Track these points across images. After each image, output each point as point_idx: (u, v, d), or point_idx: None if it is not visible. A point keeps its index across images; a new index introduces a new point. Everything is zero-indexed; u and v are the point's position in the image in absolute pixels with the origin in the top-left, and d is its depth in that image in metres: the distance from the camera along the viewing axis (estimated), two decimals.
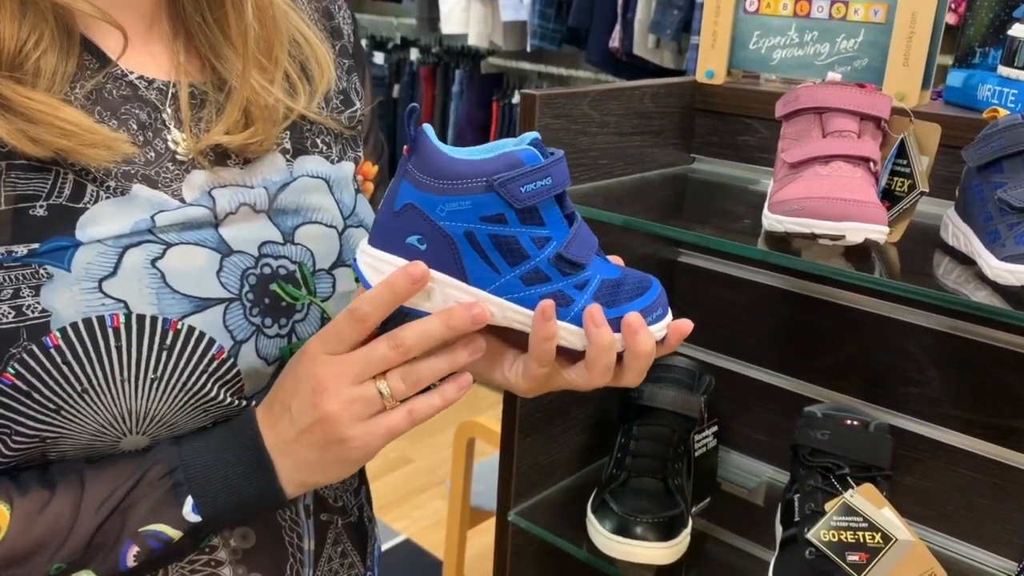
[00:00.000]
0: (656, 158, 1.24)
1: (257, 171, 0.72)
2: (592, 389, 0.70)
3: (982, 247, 0.85)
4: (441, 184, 0.63)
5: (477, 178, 0.63)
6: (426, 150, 0.64)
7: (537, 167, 0.63)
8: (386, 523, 2.76)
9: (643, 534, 1.07)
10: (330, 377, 0.64)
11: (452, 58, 3.86)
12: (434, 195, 0.63)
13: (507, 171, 0.63)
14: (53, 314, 0.61)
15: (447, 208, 0.64)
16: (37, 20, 0.62)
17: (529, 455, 1.21)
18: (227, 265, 0.68)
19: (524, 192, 0.63)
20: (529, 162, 0.63)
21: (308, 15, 0.80)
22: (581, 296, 0.66)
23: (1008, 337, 1.08)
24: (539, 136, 0.66)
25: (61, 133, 0.61)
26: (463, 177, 0.63)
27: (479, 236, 0.64)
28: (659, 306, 0.69)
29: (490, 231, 0.64)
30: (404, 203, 0.64)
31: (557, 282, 0.66)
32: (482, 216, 0.64)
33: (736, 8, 1.18)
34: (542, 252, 0.65)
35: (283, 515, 0.75)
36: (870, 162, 0.92)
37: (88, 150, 0.62)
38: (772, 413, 1.31)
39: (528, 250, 0.65)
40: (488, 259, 0.65)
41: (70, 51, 0.64)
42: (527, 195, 0.63)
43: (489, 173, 0.63)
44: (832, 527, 1.00)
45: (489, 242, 0.64)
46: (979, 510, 1.14)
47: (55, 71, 0.63)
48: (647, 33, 3.00)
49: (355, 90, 0.83)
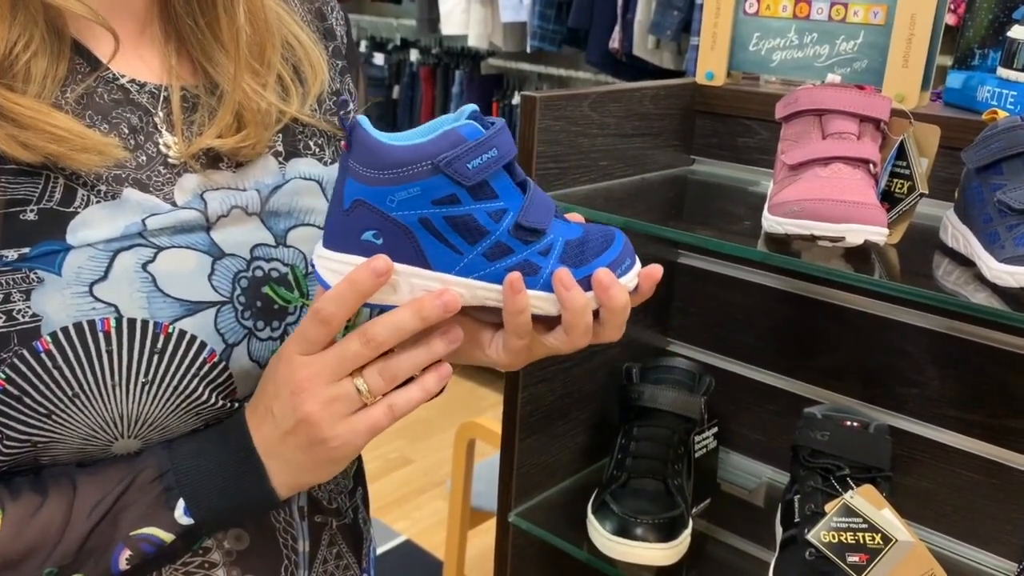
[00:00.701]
0: (656, 160, 1.24)
1: (249, 174, 0.72)
2: (575, 351, 0.69)
3: (981, 249, 0.85)
4: (386, 175, 0.62)
5: (422, 162, 0.61)
6: (365, 142, 0.62)
7: (480, 140, 0.62)
8: (386, 524, 2.76)
9: (643, 535, 1.07)
10: (306, 377, 0.63)
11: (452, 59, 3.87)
12: (381, 187, 0.62)
13: (451, 150, 0.61)
14: (44, 318, 0.61)
15: (396, 198, 0.62)
16: (27, 22, 0.62)
17: (529, 456, 1.21)
18: (219, 268, 0.68)
19: (472, 168, 0.62)
20: (471, 137, 0.62)
21: (301, 16, 0.80)
22: (547, 261, 0.65)
23: (1008, 338, 1.08)
24: (477, 108, 0.65)
25: (52, 138, 0.61)
26: (407, 164, 0.61)
27: (434, 221, 0.63)
28: (626, 256, 0.68)
29: (445, 213, 0.63)
30: (352, 200, 0.63)
31: (520, 252, 0.65)
32: (434, 200, 0.62)
33: (736, 10, 1.18)
34: (500, 225, 0.64)
35: (277, 516, 0.75)
36: (870, 164, 0.93)
37: (79, 155, 0.62)
38: (772, 414, 1.31)
39: (486, 225, 0.64)
40: (447, 242, 0.64)
41: (60, 54, 0.64)
42: (475, 170, 0.62)
43: (433, 155, 0.61)
44: (832, 528, 1.00)
45: (445, 224, 0.63)
46: (979, 511, 1.14)
47: (45, 74, 0.63)
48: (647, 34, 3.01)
49: (348, 91, 0.83)
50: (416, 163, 0.61)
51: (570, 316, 0.65)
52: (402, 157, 0.62)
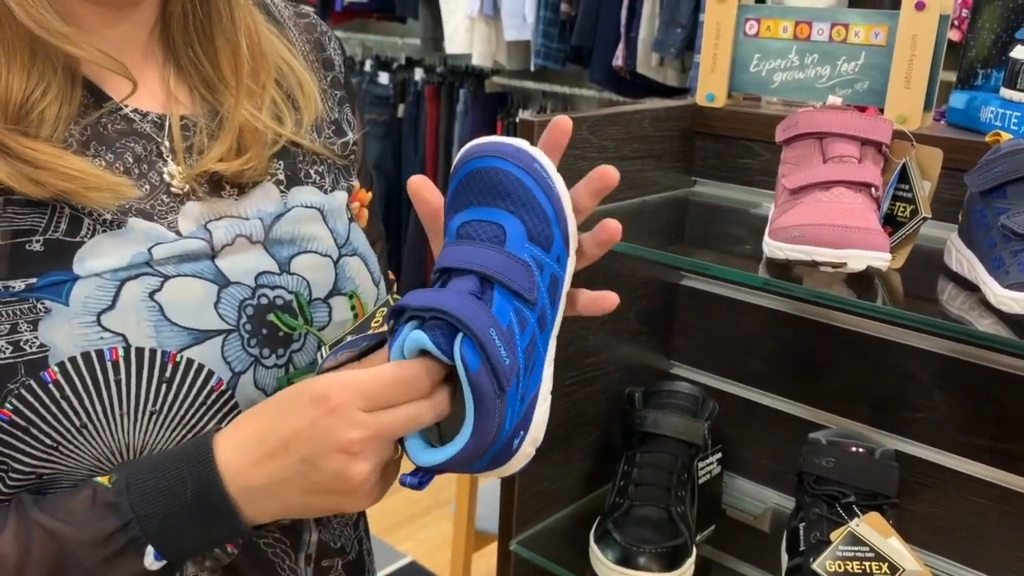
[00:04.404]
0: (657, 182, 1.23)
1: (252, 202, 0.72)
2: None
3: (986, 274, 0.84)
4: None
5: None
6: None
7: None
8: (391, 544, 2.75)
9: (646, 564, 1.06)
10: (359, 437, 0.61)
11: (456, 77, 3.87)
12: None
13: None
14: (51, 349, 0.61)
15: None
16: (46, 70, 0.63)
17: (531, 483, 1.20)
18: (225, 296, 0.68)
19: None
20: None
21: (300, 47, 0.81)
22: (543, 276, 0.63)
23: (1015, 362, 1.07)
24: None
25: (65, 177, 0.61)
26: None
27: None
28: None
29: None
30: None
31: (532, 317, 0.62)
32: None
33: (736, 31, 1.17)
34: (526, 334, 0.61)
35: (282, 566, 0.74)
36: (871, 187, 0.91)
37: (92, 193, 0.62)
38: (777, 438, 1.30)
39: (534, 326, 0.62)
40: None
41: (73, 94, 0.65)
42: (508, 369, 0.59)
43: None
44: (838, 557, 0.98)
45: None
46: (988, 537, 1.12)
47: (58, 116, 0.63)
48: (650, 52, 3.00)
49: (347, 120, 0.83)
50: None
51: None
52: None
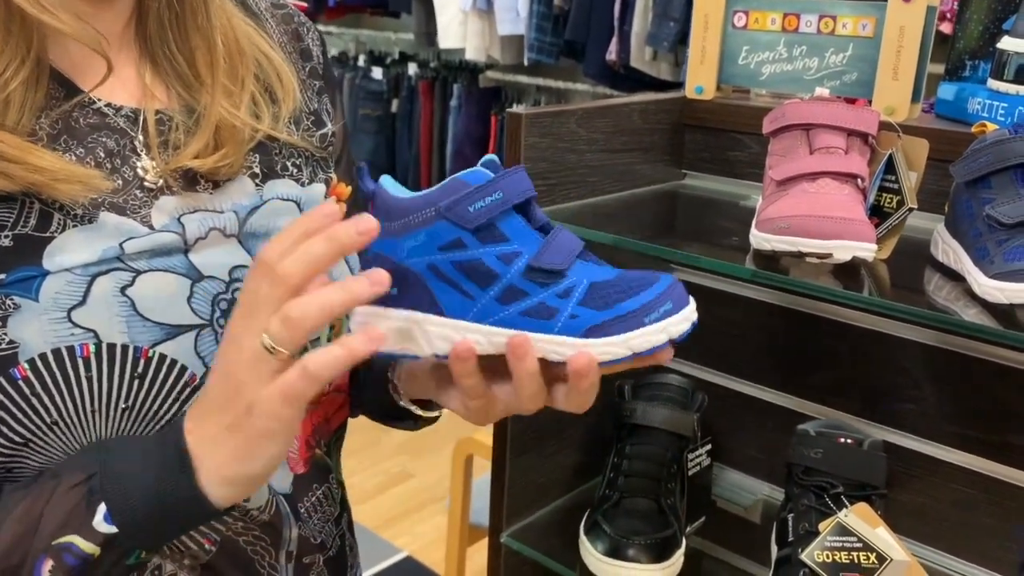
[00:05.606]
0: (646, 174, 1.23)
1: (227, 196, 0.71)
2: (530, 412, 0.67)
3: (971, 264, 0.84)
4: (396, 225, 0.63)
5: (425, 209, 0.63)
6: (382, 198, 0.64)
7: (483, 184, 0.63)
8: (387, 539, 2.75)
9: (636, 556, 1.06)
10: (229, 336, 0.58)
11: (450, 72, 3.87)
12: (393, 238, 0.64)
13: (453, 195, 0.63)
14: (21, 345, 0.60)
15: (406, 247, 0.63)
16: (18, 49, 0.61)
17: (521, 475, 1.20)
18: (198, 291, 0.67)
19: (473, 211, 0.63)
20: (474, 182, 0.63)
21: (277, 38, 0.80)
22: (566, 304, 0.63)
23: (1003, 352, 1.07)
24: (495, 158, 0.65)
25: (34, 169, 0.61)
26: (412, 212, 0.63)
27: (442, 266, 0.63)
28: (665, 300, 0.63)
29: (452, 258, 0.63)
30: (371, 253, 0.64)
31: (536, 295, 0.63)
32: (439, 245, 0.63)
33: (724, 24, 1.17)
34: (511, 267, 0.64)
35: (262, 563, 0.73)
36: (858, 179, 0.91)
37: (61, 185, 0.62)
38: (767, 430, 1.30)
39: (496, 269, 0.63)
40: (459, 287, 0.64)
41: (39, 82, 0.64)
42: (477, 213, 0.63)
43: (436, 202, 0.63)
44: (826, 547, 0.98)
45: (454, 270, 0.63)
46: (976, 527, 1.12)
47: (23, 102, 0.62)
48: (644, 46, 3.00)
49: (326, 111, 0.82)
50: (420, 210, 0.63)
51: (519, 381, 0.64)
52: (409, 206, 0.63)
